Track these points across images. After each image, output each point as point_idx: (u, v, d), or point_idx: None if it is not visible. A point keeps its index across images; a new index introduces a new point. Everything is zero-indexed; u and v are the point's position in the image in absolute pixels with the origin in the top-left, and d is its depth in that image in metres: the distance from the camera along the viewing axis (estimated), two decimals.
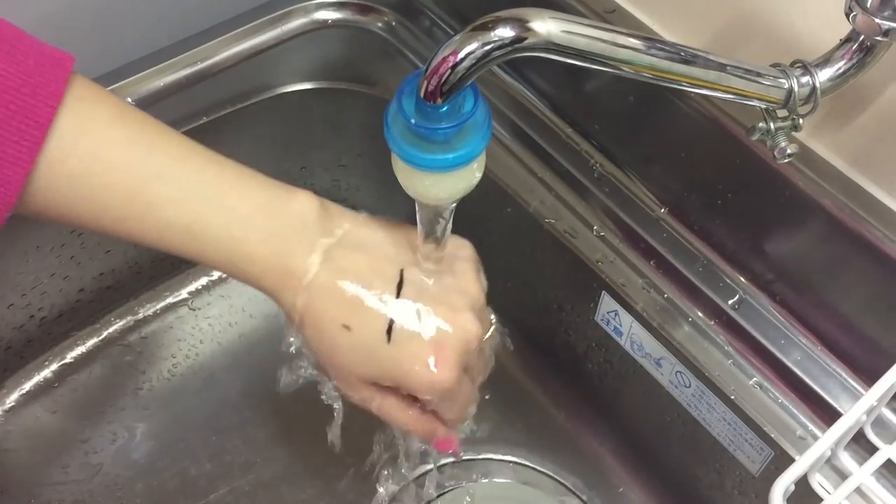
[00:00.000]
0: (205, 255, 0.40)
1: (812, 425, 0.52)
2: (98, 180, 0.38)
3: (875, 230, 0.47)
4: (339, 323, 0.41)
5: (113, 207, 0.38)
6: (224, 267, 0.41)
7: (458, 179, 0.37)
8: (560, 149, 0.63)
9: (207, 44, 0.65)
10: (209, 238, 0.40)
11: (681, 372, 0.56)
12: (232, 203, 0.40)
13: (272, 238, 0.41)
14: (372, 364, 0.42)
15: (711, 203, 0.56)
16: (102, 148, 0.38)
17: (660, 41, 0.37)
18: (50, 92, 0.36)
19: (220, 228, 0.40)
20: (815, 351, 0.53)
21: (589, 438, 0.71)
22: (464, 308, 0.43)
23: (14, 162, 0.35)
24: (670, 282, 0.57)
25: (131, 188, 0.38)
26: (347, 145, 0.75)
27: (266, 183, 0.42)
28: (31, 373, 0.71)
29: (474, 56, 0.33)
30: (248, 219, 0.40)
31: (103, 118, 0.38)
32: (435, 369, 0.41)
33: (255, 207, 0.41)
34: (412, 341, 0.41)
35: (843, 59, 0.41)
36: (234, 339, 0.76)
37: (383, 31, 0.70)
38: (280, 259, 0.41)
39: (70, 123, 0.36)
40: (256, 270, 0.41)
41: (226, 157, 0.42)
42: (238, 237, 0.40)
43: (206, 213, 0.40)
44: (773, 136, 0.44)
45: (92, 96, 0.38)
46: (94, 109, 0.38)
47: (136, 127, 0.39)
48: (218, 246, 0.40)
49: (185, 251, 0.40)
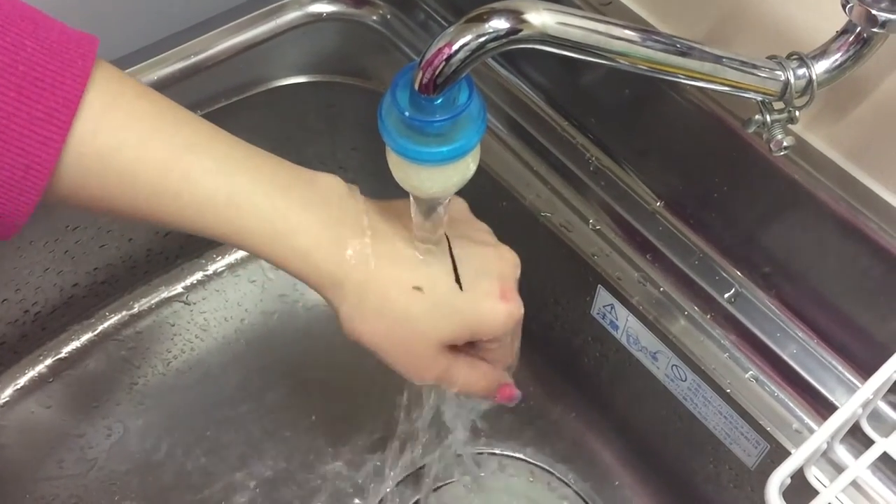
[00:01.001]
0: (247, 230, 0.38)
1: (808, 418, 0.52)
2: (130, 154, 0.36)
3: (871, 223, 0.47)
4: (410, 287, 0.40)
5: (147, 184, 0.37)
6: (267, 244, 0.39)
7: (452, 172, 0.37)
8: (556, 142, 0.63)
9: (201, 37, 0.65)
10: (253, 209, 0.38)
11: (677, 366, 0.56)
12: (268, 174, 0.39)
13: (314, 206, 0.39)
14: (451, 320, 0.41)
15: (707, 196, 0.55)
16: (132, 121, 0.36)
17: (656, 33, 0.37)
18: (78, 68, 0.35)
19: (263, 197, 0.38)
20: (811, 344, 0.53)
21: (584, 432, 0.71)
22: (493, 241, 0.44)
23: (44, 142, 0.34)
24: (666, 275, 0.57)
25: (165, 161, 0.37)
26: (342, 139, 0.74)
27: (289, 163, 0.41)
28: (26, 368, 0.70)
29: (469, 48, 0.32)
30: (288, 188, 0.39)
31: (130, 94, 0.37)
32: (504, 302, 0.42)
33: (291, 178, 0.40)
34: (480, 281, 0.41)
35: (839, 51, 0.41)
36: (229, 333, 0.76)
37: (378, 25, 0.70)
38: (328, 229, 0.39)
39: (98, 99, 0.35)
40: (304, 243, 0.39)
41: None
42: (281, 207, 0.39)
43: (245, 182, 0.38)
44: (770, 128, 0.43)
45: (117, 75, 0.37)
46: (121, 86, 0.37)
47: (163, 102, 0.39)
48: (262, 217, 0.38)
49: (225, 228, 0.38)
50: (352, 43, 0.70)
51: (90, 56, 0.35)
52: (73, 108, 0.34)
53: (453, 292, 0.41)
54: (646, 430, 0.65)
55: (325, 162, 0.76)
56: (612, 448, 0.70)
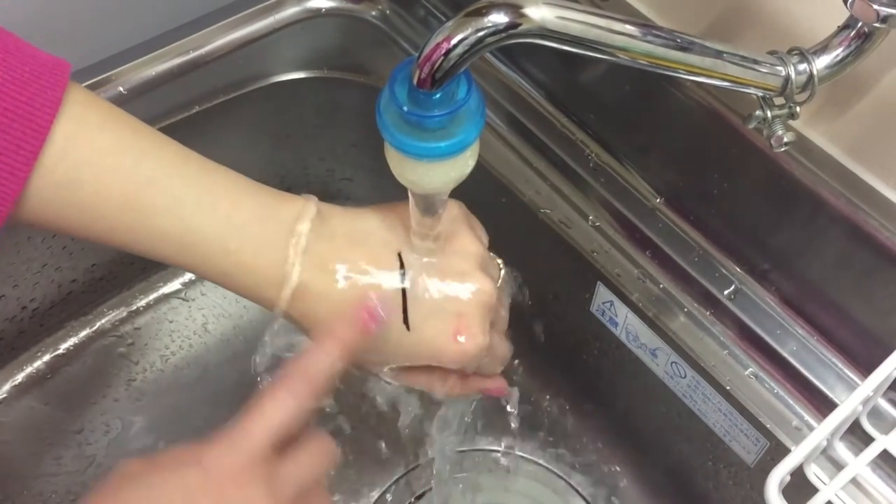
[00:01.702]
0: (199, 265, 0.39)
1: (808, 416, 0.52)
2: (88, 188, 0.37)
3: (871, 220, 0.47)
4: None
5: (104, 217, 0.37)
6: (219, 278, 0.40)
7: (450, 168, 0.37)
8: (555, 138, 0.63)
9: (200, 32, 0.65)
10: (203, 248, 0.39)
11: (676, 363, 0.56)
12: (225, 211, 0.39)
13: (267, 248, 0.40)
14: (400, 355, 0.42)
15: (707, 193, 0.55)
16: (93, 155, 0.37)
17: (656, 28, 0.37)
18: (47, 99, 0.35)
19: (214, 238, 0.39)
20: (811, 341, 0.53)
21: (583, 429, 0.71)
22: (470, 269, 0.42)
23: (11, 172, 0.34)
24: (666, 272, 0.57)
25: (122, 196, 0.37)
26: (341, 135, 0.74)
27: (258, 190, 0.41)
28: (24, 364, 0.70)
29: (467, 42, 0.32)
30: (242, 228, 0.39)
31: (94, 123, 0.37)
32: (463, 340, 0.41)
33: (249, 216, 0.40)
34: (432, 321, 0.41)
35: (840, 46, 0.40)
36: (227, 329, 0.75)
37: (377, 20, 0.69)
38: (277, 269, 0.40)
39: (61, 130, 0.36)
40: (253, 282, 0.40)
41: (218, 164, 0.41)
42: (233, 248, 0.39)
43: (199, 222, 0.39)
44: (770, 124, 0.43)
45: (83, 101, 0.37)
46: (86, 114, 0.37)
47: (127, 133, 0.38)
48: (212, 256, 0.39)
49: (180, 261, 0.39)
50: (351, 39, 0.70)
51: (60, 86, 0.36)
52: (41, 139, 0.35)
53: (399, 333, 0.41)
54: (645, 428, 0.65)
55: (323, 158, 0.76)
56: (610, 445, 0.70)
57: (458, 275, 0.42)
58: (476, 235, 0.44)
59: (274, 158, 0.74)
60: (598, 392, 0.69)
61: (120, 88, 0.62)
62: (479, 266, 0.42)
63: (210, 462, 0.36)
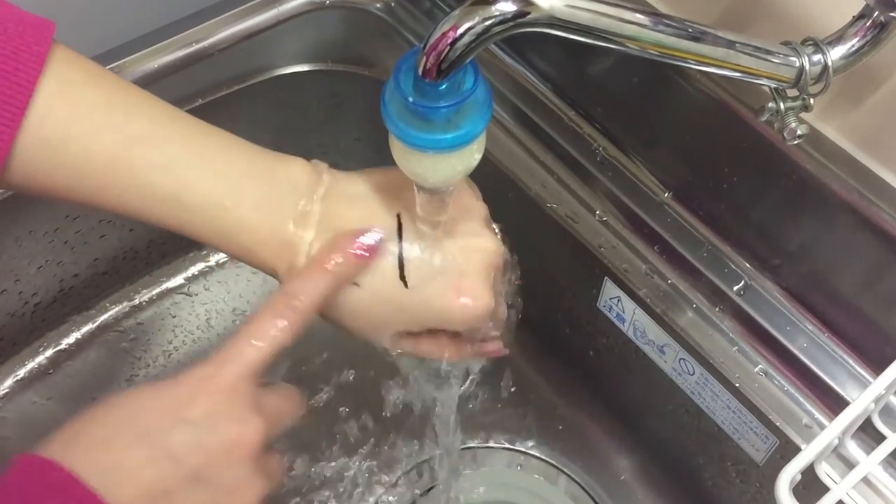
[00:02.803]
0: (194, 225, 0.38)
1: (818, 413, 0.51)
2: (76, 146, 0.35)
3: (885, 214, 0.47)
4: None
5: (93, 175, 0.36)
6: (215, 238, 0.39)
7: (457, 160, 0.36)
8: (562, 132, 0.62)
9: (203, 24, 0.64)
10: (198, 206, 0.38)
11: (684, 359, 0.55)
12: (220, 168, 0.38)
13: (264, 204, 0.39)
14: (398, 316, 0.40)
15: (717, 187, 0.55)
16: (80, 111, 0.36)
17: (667, 17, 0.36)
18: (33, 54, 0.34)
19: (209, 195, 0.38)
20: (822, 338, 0.52)
21: (590, 426, 0.70)
22: (475, 227, 0.41)
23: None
24: (674, 267, 0.56)
25: (112, 153, 0.36)
26: (345, 128, 0.74)
27: (252, 149, 0.40)
28: (26, 359, 0.70)
29: (474, 32, 0.32)
30: (238, 185, 0.38)
31: (80, 80, 0.36)
32: (468, 300, 0.39)
33: (244, 173, 0.39)
34: (433, 279, 0.39)
35: (856, 37, 0.40)
36: (230, 325, 0.75)
37: (382, 12, 0.69)
38: (274, 227, 0.39)
39: (46, 88, 0.35)
40: (249, 240, 0.39)
41: (211, 125, 0.40)
42: (228, 205, 0.38)
43: (193, 179, 0.37)
44: (783, 116, 0.42)
45: (68, 59, 0.36)
46: (71, 71, 0.36)
47: (115, 89, 0.37)
48: (207, 214, 0.38)
49: (173, 222, 0.38)
50: (355, 31, 0.69)
51: (45, 42, 0.35)
52: (26, 98, 0.34)
53: (396, 290, 0.39)
54: (652, 424, 0.65)
55: (327, 152, 0.76)
56: (617, 442, 0.69)
57: (462, 234, 0.40)
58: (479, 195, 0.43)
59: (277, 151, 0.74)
60: (604, 388, 0.68)
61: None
62: (485, 224, 0.42)
63: (201, 375, 0.35)
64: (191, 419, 0.34)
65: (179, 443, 0.34)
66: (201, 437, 0.34)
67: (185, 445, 0.34)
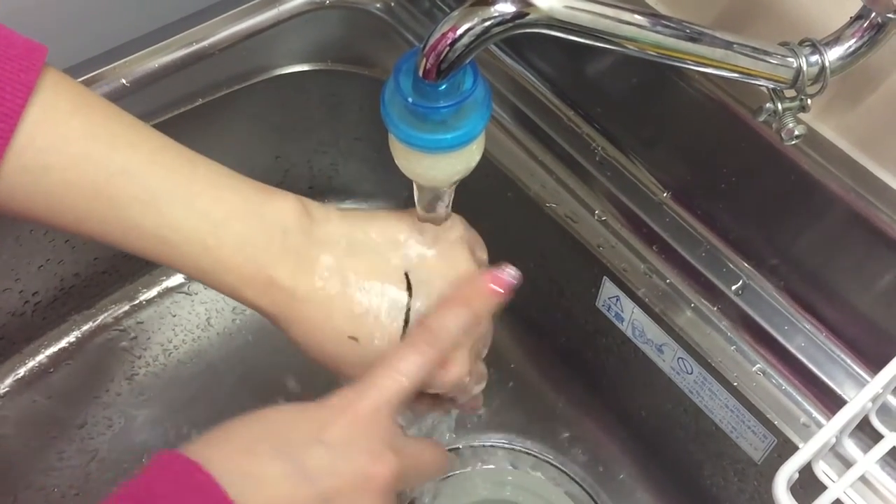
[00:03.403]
0: (175, 261, 0.37)
1: (816, 412, 0.51)
2: (56, 176, 0.35)
3: (882, 214, 0.47)
4: (345, 335, 0.39)
5: (73, 206, 0.36)
6: (198, 276, 0.38)
7: (456, 160, 0.36)
8: (561, 132, 0.62)
9: (204, 24, 0.64)
10: (179, 244, 0.37)
11: (683, 358, 0.56)
12: (204, 206, 0.37)
13: (249, 246, 0.38)
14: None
15: (715, 187, 0.55)
16: (61, 140, 0.35)
17: (665, 18, 0.36)
18: (20, 82, 0.33)
19: (191, 234, 0.37)
20: (820, 337, 0.53)
21: (589, 425, 0.70)
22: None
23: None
24: (673, 267, 0.56)
25: (92, 185, 0.35)
26: (345, 128, 0.74)
27: (242, 184, 0.39)
28: (26, 358, 0.70)
29: (473, 32, 0.32)
30: (222, 225, 0.37)
31: (66, 108, 0.35)
32: (447, 370, 0.40)
33: (230, 212, 0.38)
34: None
35: (853, 38, 0.40)
36: (230, 324, 0.75)
37: (382, 12, 0.69)
38: (259, 269, 0.38)
39: (31, 115, 0.34)
40: (233, 280, 0.38)
41: (200, 155, 0.39)
42: (211, 244, 0.37)
43: (175, 216, 0.37)
44: (781, 116, 0.43)
45: (55, 85, 0.35)
46: (58, 99, 0.35)
47: (99, 119, 0.36)
48: (188, 253, 0.37)
49: (155, 256, 0.37)
50: (355, 31, 0.69)
51: (35, 69, 0.34)
52: (10, 129, 0.33)
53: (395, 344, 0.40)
54: (651, 423, 0.65)
55: (327, 151, 0.76)
56: (616, 441, 0.69)
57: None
58: (474, 259, 0.43)
59: (277, 152, 0.74)
60: (603, 388, 0.68)
61: (123, 80, 0.61)
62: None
63: (342, 401, 0.36)
64: (327, 442, 0.34)
65: (314, 464, 0.34)
66: (335, 462, 0.34)
67: (319, 467, 0.34)
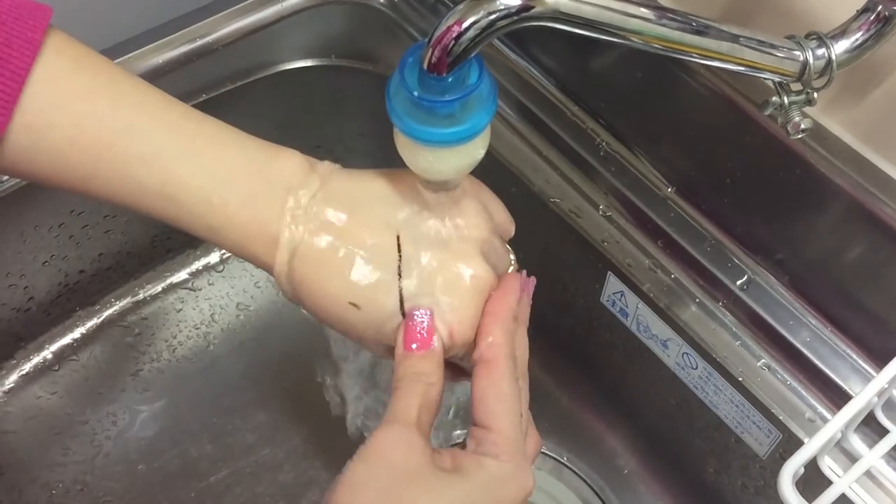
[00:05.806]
0: (182, 219, 0.37)
1: (821, 407, 0.51)
2: (60, 133, 0.35)
3: (888, 208, 0.46)
4: (346, 300, 0.38)
5: (78, 164, 0.35)
6: (204, 232, 0.38)
7: (461, 155, 0.36)
8: (565, 127, 0.62)
9: (207, 20, 0.64)
10: (185, 201, 0.37)
11: (687, 353, 0.55)
12: (209, 163, 0.37)
13: (254, 202, 0.37)
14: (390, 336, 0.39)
15: (720, 182, 0.55)
16: (65, 98, 0.35)
17: (671, 11, 0.36)
18: (27, 41, 0.33)
19: (197, 191, 0.37)
20: (825, 332, 0.52)
21: (593, 420, 0.70)
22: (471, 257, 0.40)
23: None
24: (677, 262, 0.56)
25: (97, 143, 0.35)
26: (349, 123, 0.74)
27: (247, 141, 0.39)
28: (31, 354, 0.70)
29: (479, 25, 0.32)
30: (227, 181, 0.37)
31: (69, 67, 0.35)
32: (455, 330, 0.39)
33: (235, 168, 0.37)
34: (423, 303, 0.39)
35: (860, 31, 0.40)
36: (234, 320, 0.75)
37: (385, 7, 0.69)
38: (264, 226, 0.38)
39: (35, 74, 0.34)
40: (238, 238, 0.38)
41: (207, 115, 0.39)
42: (216, 202, 0.37)
43: (179, 172, 0.36)
44: (787, 110, 0.42)
45: (60, 45, 0.35)
46: (61, 58, 0.35)
47: (104, 77, 0.36)
48: (195, 210, 0.37)
49: (161, 214, 0.37)
50: (359, 26, 0.69)
51: (40, 29, 0.34)
52: (18, 87, 0.33)
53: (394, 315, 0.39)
54: (655, 419, 0.65)
55: (331, 147, 0.76)
56: (621, 436, 0.69)
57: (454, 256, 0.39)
58: (485, 215, 0.42)
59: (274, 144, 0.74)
60: (607, 383, 0.68)
61: None
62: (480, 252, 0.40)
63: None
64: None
65: None
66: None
67: None
